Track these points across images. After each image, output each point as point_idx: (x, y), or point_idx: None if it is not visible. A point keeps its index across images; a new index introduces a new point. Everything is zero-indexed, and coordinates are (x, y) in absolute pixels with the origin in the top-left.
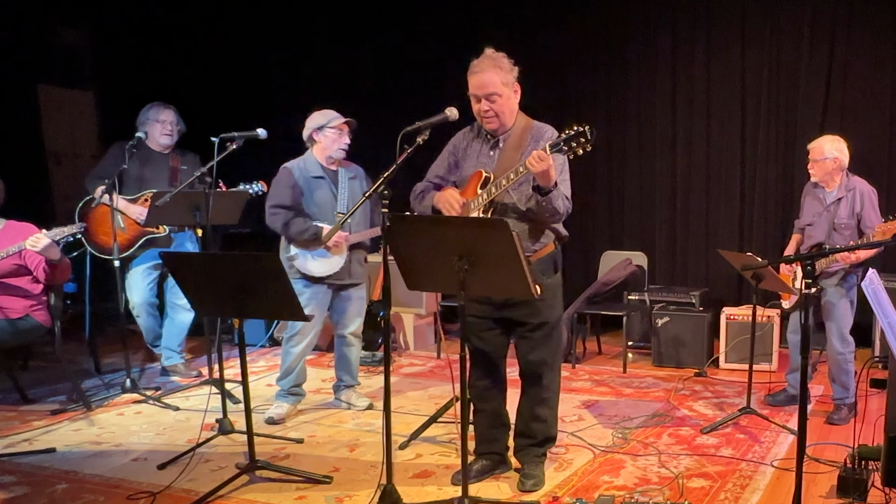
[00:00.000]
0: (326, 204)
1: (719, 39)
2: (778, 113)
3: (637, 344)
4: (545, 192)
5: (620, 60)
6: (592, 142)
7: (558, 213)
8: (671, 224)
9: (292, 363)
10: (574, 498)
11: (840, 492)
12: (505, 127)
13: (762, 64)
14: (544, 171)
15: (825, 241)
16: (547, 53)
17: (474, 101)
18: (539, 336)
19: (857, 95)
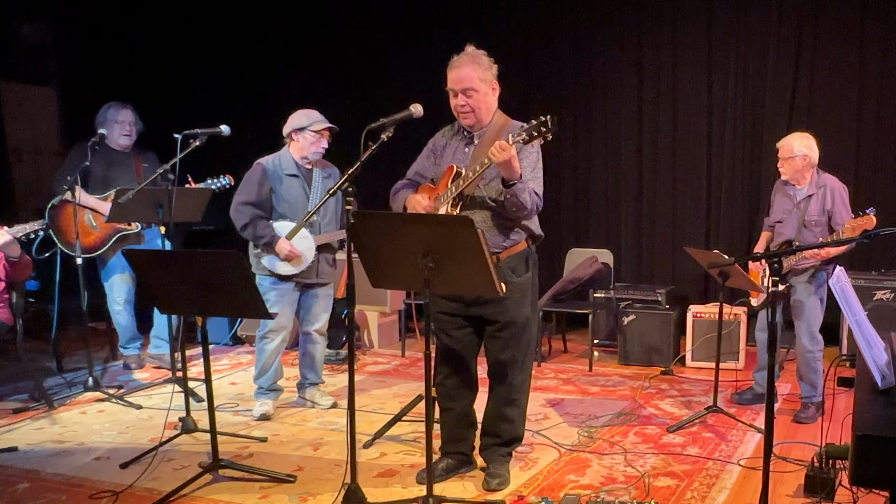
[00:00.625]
0: (298, 202)
1: (686, 37)
2: (745, 110)
3: (603, 342)
4: (509, 185)
5: (586, 57)
6: (554, 130)
7: (525, 207)
8: (637, 221)
9: (268, 360)
10: (539, 497)
11: (807, 491)
12: (481, 123)
13: (729, 61)
14: (507, 161)
15: (795, 238)
16: (512, 51)
17: (452, 96)
18: (508, 335)
19: (825, 92)
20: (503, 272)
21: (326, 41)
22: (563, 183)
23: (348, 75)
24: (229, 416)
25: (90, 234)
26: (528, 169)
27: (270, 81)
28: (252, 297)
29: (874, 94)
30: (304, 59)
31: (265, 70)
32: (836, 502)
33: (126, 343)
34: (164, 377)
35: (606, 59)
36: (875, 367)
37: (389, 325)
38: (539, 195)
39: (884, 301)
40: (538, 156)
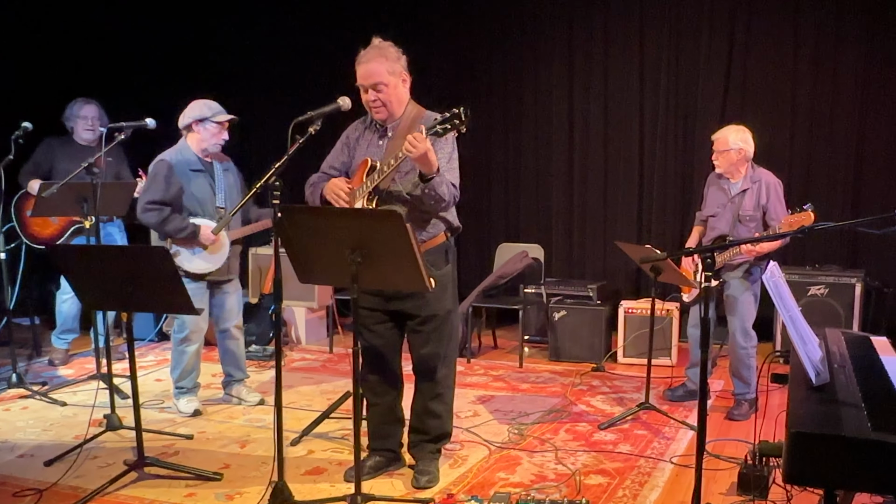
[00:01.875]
0: (206, 198)
1: (617, 28)
2: (677, 103)
3: (533, 338)
4: (427, 179)
5: (516, 49)
6: (468, 123)
7: (443, 200)
8: (568, 216)
9: (189, 363)
10: (469, 495)
11: (740, 489)
12: (394, 116)
13: (661, 53)
14: (422, 154)
15: (729, 232)
16: (440, 43)
17: (362, 92)
18: (430, 329)
19: (758, 86)
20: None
21: (256, 36)
22: (493, 177)
23: (285, 69)
24: (155, 413)
25: (49, 227)
26: (443, 160)
27: (223, 77)
28: (178, 293)
29: (808, 88)
30: (243, 54)
31: (216, 66)
32: (770, 500)
33: (60, 333)
34: (88, 374)
35: (537, 51)
36: (809, 363)
37: (317, 321)
38: (456, 186)
39: (818, 296)
40: (453, 146)
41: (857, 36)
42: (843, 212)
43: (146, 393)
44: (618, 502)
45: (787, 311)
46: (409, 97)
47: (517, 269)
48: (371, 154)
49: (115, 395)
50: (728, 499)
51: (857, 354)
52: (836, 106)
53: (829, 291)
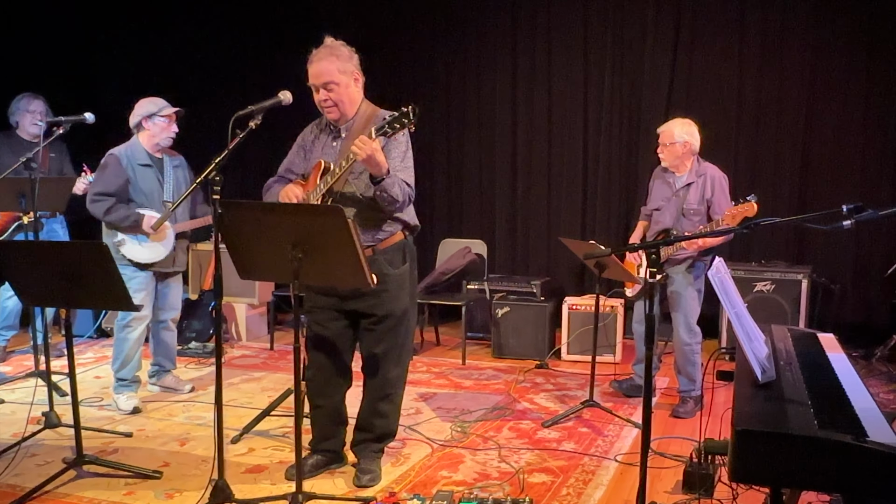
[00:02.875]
0: (153, 192)
1: (561, 21)
2: (622, 97)
3: (476, 335)
4: (377, 181)
5: (458, 43)
6: (416, 121)
7: (396, 200)
8: (512, 211)
9: (131, 350)
10: (411, 494)
11: (686, 487)
12: (346, 116)
13: (605, 47)
14: (369, 157)
15: (673, 227)
16: (383, 38)
17: (314, 92)
18: (385, 328)
19: (704, 79)
20: (379, 265)
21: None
22: (436, 172)
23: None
24: (94, 410)
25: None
26: (397, 159)
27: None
28: (117, 289)
29: (754, 82)
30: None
31: (162, 61)
32: (716, 499)
33: (0, 329)
34: (26, 371)
35: (480, 46)
36: (755, 360)
37: (258, 318)
38: (411, 186)
39: (764, 293)
40: (407, 145)
41: (803, 29)
42: (789, 207)
43: (85, 390)
44: (562, 501)
45: (732, 308)
46: (362, 96)
47: (460, 265)
48: (326, 156)
49: (54, 392)
50: (673, 497)
51: (803, 351)
52: (782, 100)
53: (775, 288)
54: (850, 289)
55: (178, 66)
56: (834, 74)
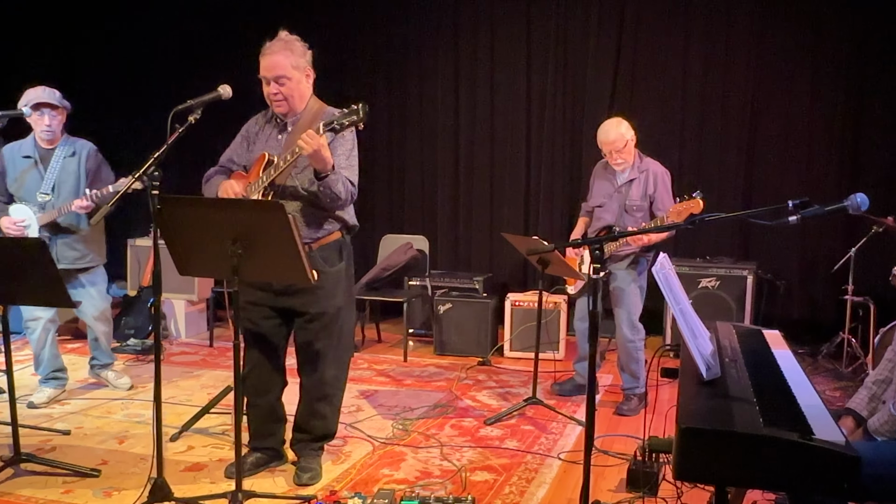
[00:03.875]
0: (31, 184)
1: (504, 18)
2: (565, 93)
3: (418, 331)
4: (322, 177)
5: (401, 37)
6: (365, 119)
7: (339, 198)
8: (454, 206)
9: (36, 350)
10: (352, 492)
11: (630, 485)
12: (295, 111)
13: (549, 43)
14: (316, 151)
15: (615, 223)
16: (322, 32)
17: (264, 84)
18: (319, 326)
19: (647, 75)
20: (315, 262)
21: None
22: (377, 166)
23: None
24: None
25: None
26: (342, 157)
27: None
28: (55, 286)
29: (698, 77)
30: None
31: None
32: (660, 497)
33: None
34: None
35: (422, 41)
36: (700, 357)
37: (197, 314)
38: (354, 184)
39: (709, 289)
40: (353, 143)
41: (748, 23)
42: (734, 202)
43: (22, 387)
44: (504, 499)
45: (677, 304)
46: (311, 93)
47: (401, 261)
48: (270, 148)
49: None
50: (617, 495)
51: (748, 348)
52: (727, 95)
53: (720, 284)
54: (796, 285)
55: (117, 58)
56: (779, 70)
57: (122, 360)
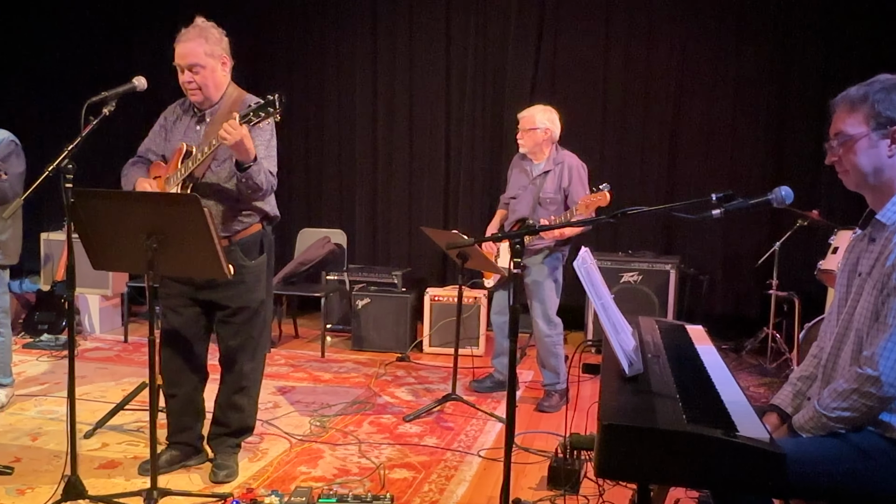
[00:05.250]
0: None
1: (423, 7)
2: (485, 84)
3: (336, 327)
4: (244, 167)
5: (318, 25)
6: (281, 110)
7: (260, 189)
8: (372, 200)
9: None
10: (269, 490)
11: (551, 483)
12: (211, 100)
13: (468, 33)
14: (238, 142)
15: (529, 216)
16: (237, 21)
17: (179, 72)
18: (240, 320)
19: (568, 65)
20: (235, 255)
21: None
22: (295, 159)
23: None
24: None
25: None
26: (261, 147)
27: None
28: None
29: (620, 67)
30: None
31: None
32: (582, 495)
33: None
34: None
35: (339, 31)
36: (622, 353)
37: (111, 309)
38: (274, 174)
39: (631, 284)
40: (272, 133)
41: (671, 14)
42: (657, 196)
43: None
44: (423, 497)
45: (599, 299)
46: (229, 80)
47: (319, 255)
48: (188, 139)
49: None
50: (538, 493)
51: (671, 344)
52: (650, 86)
53: (642, 278)
54: (720, 280)
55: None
56: (703, 61)
57: (34, 356)
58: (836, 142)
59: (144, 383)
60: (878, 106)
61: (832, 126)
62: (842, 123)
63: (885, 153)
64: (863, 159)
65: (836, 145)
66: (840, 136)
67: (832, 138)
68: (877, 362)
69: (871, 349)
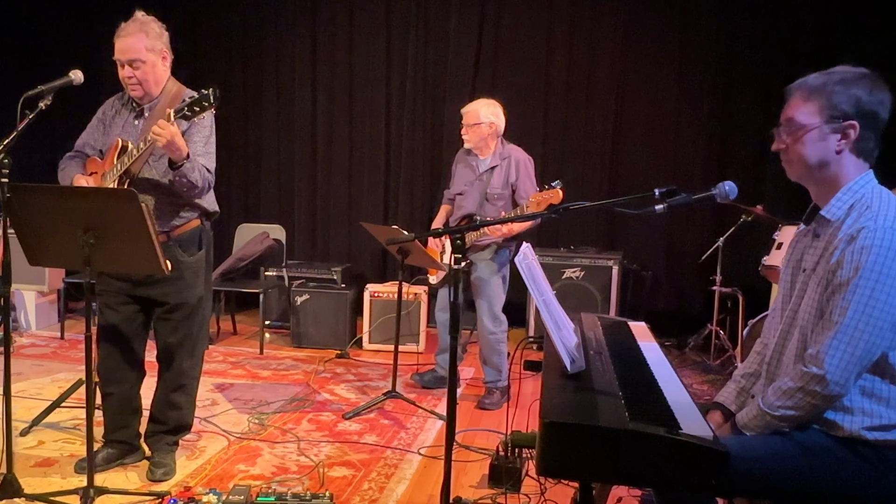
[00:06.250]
0: None
1: (363, 0)
2: (426, 77)
3: (275, 323)
4: (176, 166)
5: (257, 18)
6: (216, 104)
7: (196, 186)
8: (311, 195)
9: None
10: (207, 488)
11: (492, 481)
12: (150, 95)
13: (408, 26)
14: (169, 141)
15: (476, 211)
16: (177, 12)
17: (119, 67)
18: (179, 317)
19: (511, 57)
20: (173, 251)
21: None
22: (233, 154)
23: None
24: None
25: None
26: (199, 143)
27: None
28: None
29: (563, 61)
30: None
31: None
32: (523, 493)
33: None
34: None
35: (278, 23)
36: (564, 349)
37: (48, 305)
38: (211, 171)
39: (573, 280)
40: (211, 129)
41: (614, 6)
42: (600, 191)
43: None
44: (363, 495)
45: (540, 296)
46: (168, 75)
47: (257, 251)
48: (126, 134)
49: None
50: (479, 491)
51: (614, 340)
52: (592, 79)
53: (585, 274)
54: (663, 276)
55: None
56: (646, 54)
57: None
58: (786, 129)
59: (81, 380)
60: (834, 98)
61: (784, 111)
62: (794, 111)
63: (833, 147)
64: (810, 151)
65: (784, 133)
66: (791, 124)
67: (782, 124)
68: (822, 360)
69: (817, 347)
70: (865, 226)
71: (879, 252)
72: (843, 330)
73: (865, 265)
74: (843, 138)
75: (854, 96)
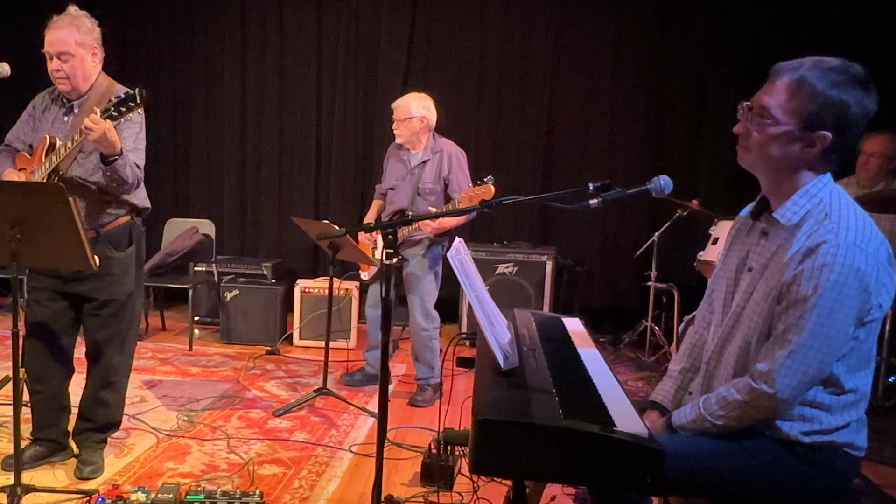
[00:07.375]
0: None
1: None
2: (357, 70)
3: (204, 319)
4: (109, 161)
5: (186, 11)
6: (142, 103)
7: (126, 182)
8: (241, 189)
9: None
10: (136, 486)
11: (424, 479)
12: (79, 90)
13: (340, 19)
14: (101, 137)
15: (408, 206)
16: (104, 5)
17: (48, 59)
18: (108, 313)
19: (443, 51)
20: (103, 247)
21: None
22: (161, 147)
23: None
24: None
25: None
26: (129, 140)
27: None
28: None
29: (496, 53)
30: None
31: None
32: (456, 492)
33: None
34: None
35: (208, 17)
36: (497, 346)
37: None
38: (141, 168)
39: (507, 275)
40: (141, 126)
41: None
42: (533, 185)
43: None
44: (294, 493)
45: (473, 291)
46: (98, 71)
47: (186, 245)
48: (56, 130)
49: None
50: (411, 489)
51: (548, 337)
52: (526, 73)
53: (518, 270)
54: (598, 271)
55: None
56: (580, 46)
57: None
58: (756, 115)
59: (8, 377)
60: (821, 106)
61: (762, 93)
62: (773, 100)
63: (796, 152)
64: (774, 149)
65: (753, 117)
66: (763, 113)
67: (753, 108)
68: (774, 380)
69: (769, 364)
70: (826, 240)
71: (841, 272)
72: (799, 350)
73: (826, 285)
74: (810, 146)
75: (842, 105)
